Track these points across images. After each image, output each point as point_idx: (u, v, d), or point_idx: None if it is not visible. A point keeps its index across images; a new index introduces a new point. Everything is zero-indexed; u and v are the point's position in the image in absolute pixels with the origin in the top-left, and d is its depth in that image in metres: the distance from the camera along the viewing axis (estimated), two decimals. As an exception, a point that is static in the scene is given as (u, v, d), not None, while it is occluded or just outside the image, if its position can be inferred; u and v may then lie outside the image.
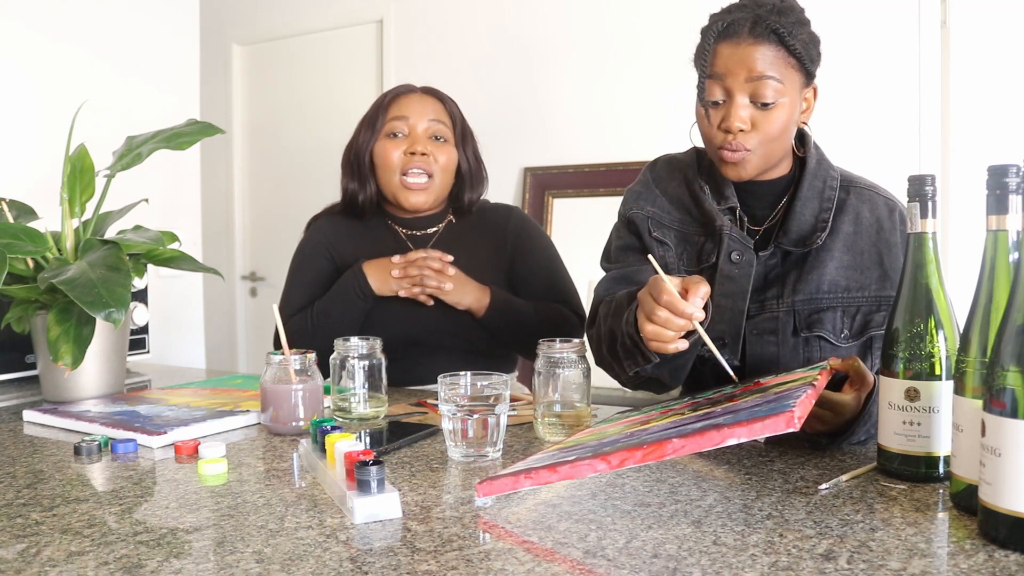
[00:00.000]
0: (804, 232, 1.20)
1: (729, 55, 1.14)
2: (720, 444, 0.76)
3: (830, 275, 1.19)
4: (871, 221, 1.21)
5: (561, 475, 0.81)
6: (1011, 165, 0.76)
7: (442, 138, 1.63)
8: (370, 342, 1.27)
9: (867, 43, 2.55)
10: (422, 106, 1.63)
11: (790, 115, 1.17)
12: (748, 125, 1.15)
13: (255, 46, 3.88)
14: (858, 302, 1.19)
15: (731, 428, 0.76)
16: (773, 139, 1.16)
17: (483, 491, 0.83)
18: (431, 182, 1.61)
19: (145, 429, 1.13)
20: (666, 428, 0.86)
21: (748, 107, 1.15)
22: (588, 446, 0.88)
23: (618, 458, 0.79)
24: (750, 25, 1.13)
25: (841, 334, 1.19)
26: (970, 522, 0.77)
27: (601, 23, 3.04)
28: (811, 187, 1.22)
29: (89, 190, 1.43)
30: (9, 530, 0.79)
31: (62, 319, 1.27)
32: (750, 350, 1.22)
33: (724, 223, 1.22)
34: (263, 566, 0.69)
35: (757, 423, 0.75)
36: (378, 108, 1.65)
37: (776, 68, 1.14)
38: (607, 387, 1.66)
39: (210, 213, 3.88)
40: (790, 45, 1.13)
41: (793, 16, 1.15)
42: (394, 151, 1.60)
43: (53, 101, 2.94)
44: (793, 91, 1.16)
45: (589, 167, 3.07)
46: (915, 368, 0.88)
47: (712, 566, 0.68)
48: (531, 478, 0.82)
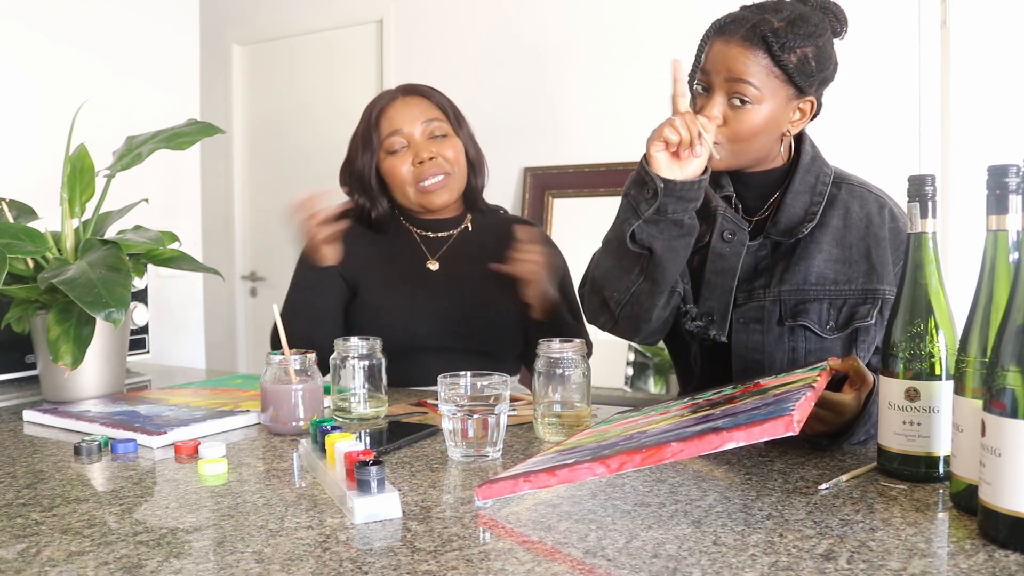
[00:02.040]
0: (793, 223, 1.22)
1: (718, 51, 1.18)
2: (719, 448, 0.76)
3: (818, 267, 1.21)
4: (860, 216, 1.23)
5: (560, 479, 0.80)
6: (1011, 165, 0.76)
7: (442, 134, 1.62)
8: (370, 342, 1.27)
9: (867, 43, 2.55)
10: (409, 112, 1.61)
11: (765, 121, 1.17)
12: (720, 120, 1.18)
13: (255, 46, 3.88)
14: (844, 295, 1.21)
15: (730, 432, 0.75)
16: (741, 139, 1.18)
17: (482, 495, 0.83)
18: (448, 178, 1.61)
19: (145, 429, 1.13)
20: (665, 431, 0.85)
21: (723, 104, 1.18)
22: (587, 448, 0.88)
23: (617, 462, 0.79)
24: (746, 29, 1.15)
25: (827, 325, 1.21)
26: (970, 522, 0.77)
27: (602, 23, 3.04)
28: (803, 181, 1.24)
29: (89, 190, 1.43)
30: (9, 530, 0.79)
31: (62, 319, 1.27)
32: (736, 338, 1.24)
33: (719, 203, 1.26)
34: (263, 566, 0.69)
35: (756, 427, 0.75)
36: (368, 125, 1.62)
37: (757, 75, 1.15)
38: (607, 387, 1.66)
39: (210, 213, 3.88)
40: (777, 57, 1.14)
41: (802, 29, 1.15)
42: (401, 166, 1.59)
43: (53, 101, 2.94)
44: (773, 100, 1.17)
45: (589, 167, 3.07)
46: (915, 368, 0.88)
47: (712, 566, 0.68)
48: (530, 482, 0.82)
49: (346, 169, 1.66)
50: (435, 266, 1.64)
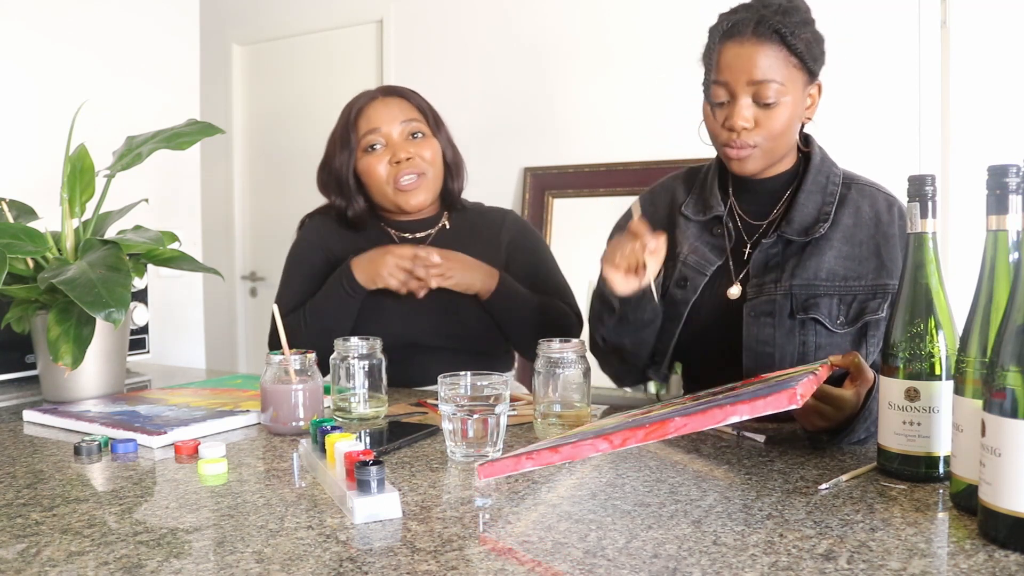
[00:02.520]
0: (807, 223, 1.24)
1: (734, 56, 1.18)
2: (723, 422, 0.76)
3: (828, 264, 1.22)
4: (870, 215, 1.25)
5: (563, 455, 0.81)
6: (1011, 165, 0.76)
7: (419, 134, 1.62)
8: (370, 342, 1.27)
9: (867, 43, 2.55)
10: (388, 111, 1.61)
11: (793, 113, 1.21)
12: (751, 124, 1.20)
13: (255, 46, 3.88)
14: (855, 291, 1.22)
15: (733, 406, 0.77)
16: (776, 136, 1.21)
17: (484, 473, 0.84)
18: (424, 179, 1.61)
19: (145, 429, 1.13)
20: (668, 412, 0.86)
21: (751, 107, 1.19)
22: (589, 433, 0.88)
23: (620, 437, 0.79)
24: (754, 25, 1.17)
25: (837, 320, 1.22)
26: (970, 522, 0.77)
27: (602, 23, 3.04)
28: (815, 182, 1.26)
29: (89, 190, 1.42)
30: (9, 530, 0.79)
31: (62, 319, 1.27)
32: (747, 331, 1.25)
33: (684, 250, 1.31)
34: (263, 566, 0.69)
35: (759, 400, 0.76)
36: (347, 124, 1.62)
37: (778, 70, 1.17)
38: (607, 387, 1.66)
39: (210, 213, 3.88)
40: (792, 45, 1.16)
41: (798, 16, 1.18)
42: (378, 165, 1.59)
43: (53, 101, 2.94)
44: (795, 90, 1.20)
45: (589, 167, 3.07)
46: (915, 368, 0.88)
47: (712, 566, 0.68)
48: (532, 459, 0.82)
49: (324, 168, 1.66)
50: None
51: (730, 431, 1.12)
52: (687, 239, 1.32)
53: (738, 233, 1.31)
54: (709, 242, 1.32)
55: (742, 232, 1.31)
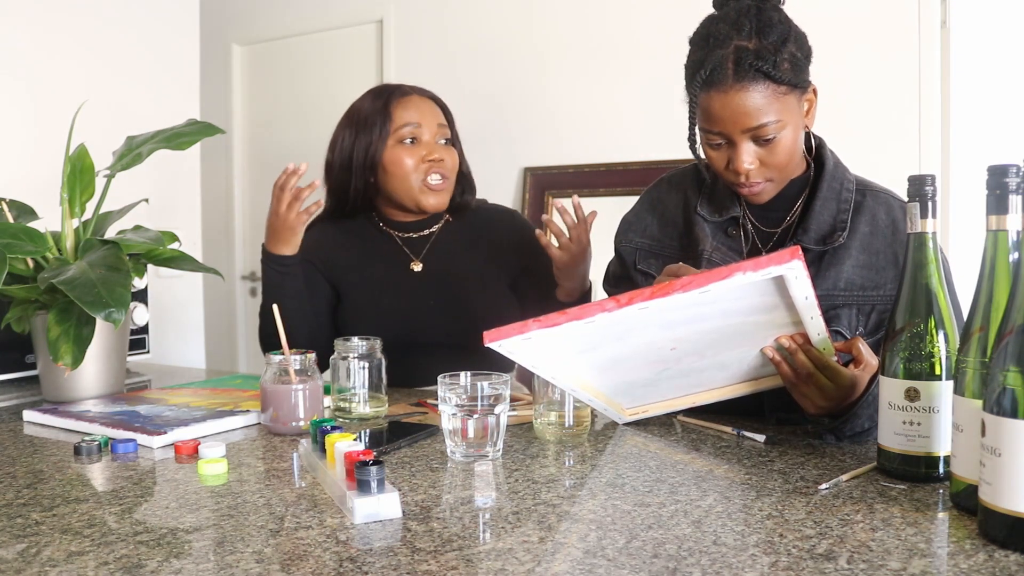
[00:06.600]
0: (824, 231, 1.21)
1: (721, 107, 1.12)
2: (726, 278, 0.81)
3: (847, 274, 1.20)
4: (887, 223, 1.22)
5: (570, 316, 0.84)
6: (1011, 165, 0.76)
7: (447, 140, 1.63)
8: (370, 342, 1.27)
9: (867, 43, 2.55)
10: (428, 109, 1.62)
11: (794, 136, 1.17)
12: (756, 164, 1.16)
13: (255, 46, 3.88)
14: (873, 300, 1.20)
15: (738, 264, 0.82)
16: (784, 164, 1.18)
17: (490, 338, 0.85)
18: (448, 183, 1.62)
19: (145, 429, 1.13)
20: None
21: (752, 150, 1.16)
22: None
23: (627, 297, 0.83)
24: (733, 68, 1.11)
25: (856, 330, 1.20)
26: (970, 522, 0.77)
27: (602, 23, 3.04)
28: (829, 188, 1.23)
29: (89, 190, 1.42)
30: (9, 530, 0.79)
31: (62, 319, 1.27)
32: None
33: (707, 248, 1.27)
34: (263, 566, 0.69)
35: (763, 258, 0.80)
36: (377, 110, 1.60)
37: (770, 107, 1.12)
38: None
39: (210, 213, 3.88)
40: (775, 77, 1.11)
41: (774, 35, 1.12)
42: (408, 158, 1.58)
43: (53, 101, 2.94)
44: (792, 115, 1.15)
45: (589, 167, 3.07)
46: (915, 368, 0.88)
47: (712, 566, 0.68)
48: (540, 322, 0.84)
49: (341, 149, 1.62)
50: (419, 267, 1.64)
51: (730, 431, 1.12)
52: (707, 237, 1.29)
53: (752, 236, 1.29)
54: (725, 243, 1.29)
55: (755, 237, 1.29)
